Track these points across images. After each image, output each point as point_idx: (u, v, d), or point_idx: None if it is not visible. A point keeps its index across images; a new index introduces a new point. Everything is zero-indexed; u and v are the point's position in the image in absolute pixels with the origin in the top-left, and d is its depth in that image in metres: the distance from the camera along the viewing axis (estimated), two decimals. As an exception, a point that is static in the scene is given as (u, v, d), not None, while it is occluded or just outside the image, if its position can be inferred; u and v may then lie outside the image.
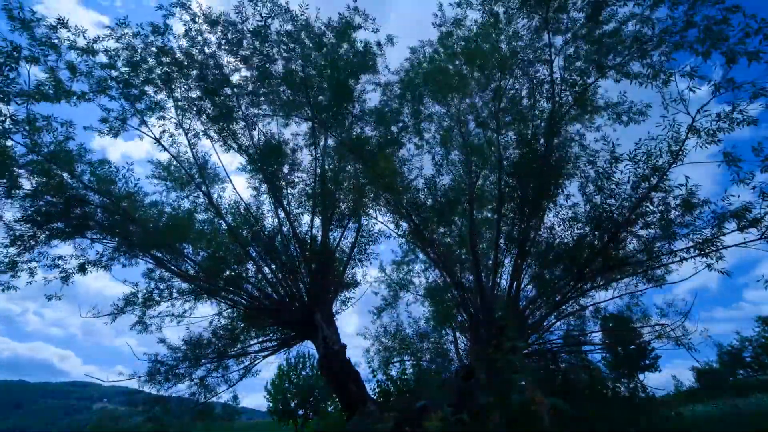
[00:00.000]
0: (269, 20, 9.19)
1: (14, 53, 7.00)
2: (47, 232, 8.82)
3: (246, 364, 11.20)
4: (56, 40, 8.10)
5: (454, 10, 9.62)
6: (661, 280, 9.15)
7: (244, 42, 9.37)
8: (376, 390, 10.32)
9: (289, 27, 9.49)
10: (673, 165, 7.19)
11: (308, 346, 14.05)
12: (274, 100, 10.34)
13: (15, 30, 7.75)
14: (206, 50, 9.61)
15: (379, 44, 10.13)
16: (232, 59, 9.65)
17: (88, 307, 9.62)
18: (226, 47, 9.48)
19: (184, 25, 9.36)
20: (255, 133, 10.69)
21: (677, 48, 6.70)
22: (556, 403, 4.26)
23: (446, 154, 10.81)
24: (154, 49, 9.21)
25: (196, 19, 9.29)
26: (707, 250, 7.55)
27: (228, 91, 9.92)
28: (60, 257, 9.52)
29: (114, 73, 9.04)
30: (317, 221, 10.93)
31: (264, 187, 11.04)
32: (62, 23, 8.06)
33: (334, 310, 11.00)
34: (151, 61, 9.32)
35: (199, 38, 9.52)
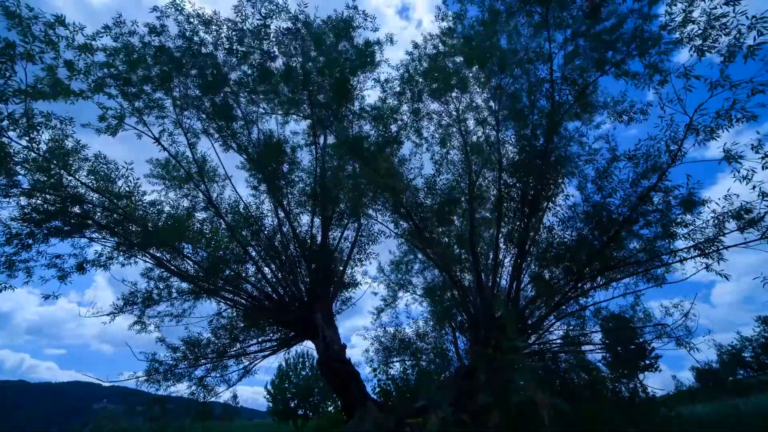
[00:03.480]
0: (268, 19, 9.20)
1: (9, 50, 6.92)
2: (45, 231, 8.78)
3: (245, 364, 11.18)
4: (54, 38, 7.91)
5: (454, 5, 9.64)
6: (661, 279, 9.12)
7: (244, 40, 9.37)
8: (376, 390, 10.29)
9: (288, 25, 9.51)
10: (672, 165, 7.17)
11: (308, 346, 14.04)
12: (273, 98, 10.32)
13: (12, 28, 7.67)
14: (203, 50, 9.58)
15: (378, 42, 10.14)
16: (231, 58, 9.65)
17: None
18: (226, 45, 9.48)
19: (179, 25, 9.35)
20: (254, 131, 10.69)
21: (677, 44, 6.70)
22: (556, 403, 4.25)
23: (446, 153, 10.79)
24: (150, 50, 9.20)
25: (192, 20, 9.29)
26: (707, 251, 7.52)
27: (227, 88, 9.90)
28: (58, 256, 9.49)
29: (112, 71, 8.98)
30: (317, 221, 10.92)
31: (263, 186, 11.02)
32: (60, 21, 7.91)
33: (334, 310, 10.99)
34: (149, 60, 9.28)
35: (196, 38, 9.50)
